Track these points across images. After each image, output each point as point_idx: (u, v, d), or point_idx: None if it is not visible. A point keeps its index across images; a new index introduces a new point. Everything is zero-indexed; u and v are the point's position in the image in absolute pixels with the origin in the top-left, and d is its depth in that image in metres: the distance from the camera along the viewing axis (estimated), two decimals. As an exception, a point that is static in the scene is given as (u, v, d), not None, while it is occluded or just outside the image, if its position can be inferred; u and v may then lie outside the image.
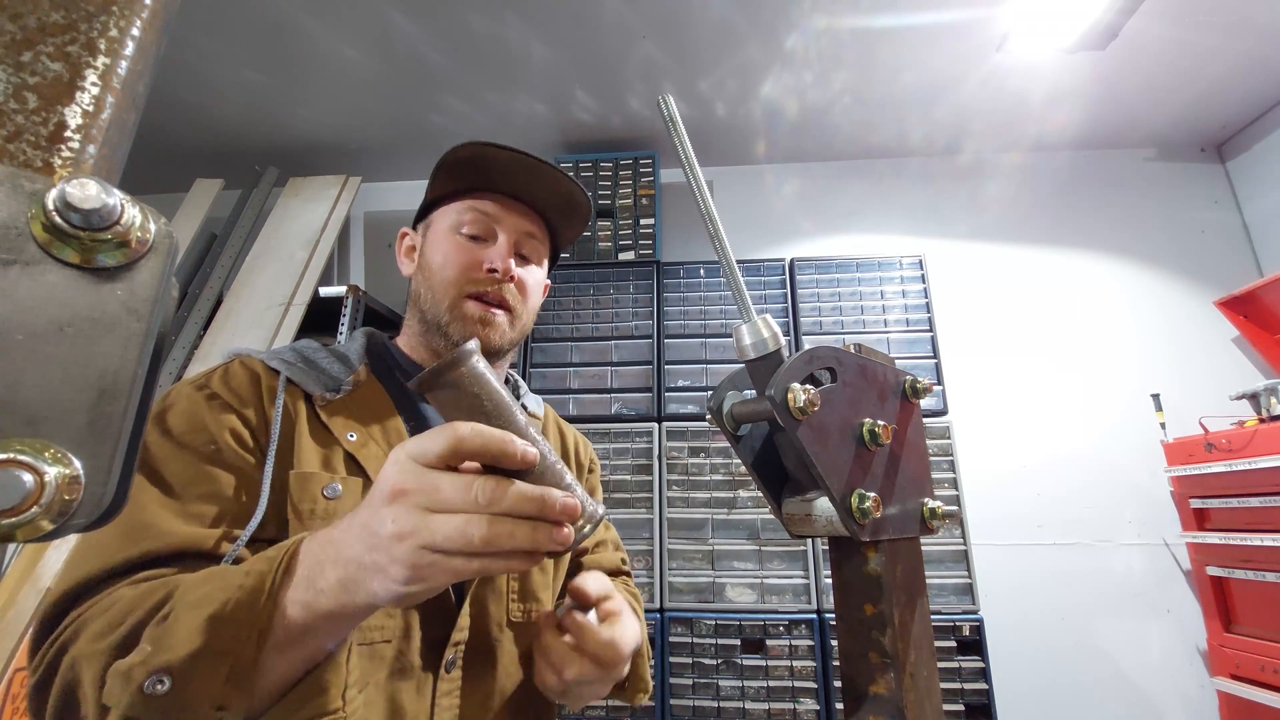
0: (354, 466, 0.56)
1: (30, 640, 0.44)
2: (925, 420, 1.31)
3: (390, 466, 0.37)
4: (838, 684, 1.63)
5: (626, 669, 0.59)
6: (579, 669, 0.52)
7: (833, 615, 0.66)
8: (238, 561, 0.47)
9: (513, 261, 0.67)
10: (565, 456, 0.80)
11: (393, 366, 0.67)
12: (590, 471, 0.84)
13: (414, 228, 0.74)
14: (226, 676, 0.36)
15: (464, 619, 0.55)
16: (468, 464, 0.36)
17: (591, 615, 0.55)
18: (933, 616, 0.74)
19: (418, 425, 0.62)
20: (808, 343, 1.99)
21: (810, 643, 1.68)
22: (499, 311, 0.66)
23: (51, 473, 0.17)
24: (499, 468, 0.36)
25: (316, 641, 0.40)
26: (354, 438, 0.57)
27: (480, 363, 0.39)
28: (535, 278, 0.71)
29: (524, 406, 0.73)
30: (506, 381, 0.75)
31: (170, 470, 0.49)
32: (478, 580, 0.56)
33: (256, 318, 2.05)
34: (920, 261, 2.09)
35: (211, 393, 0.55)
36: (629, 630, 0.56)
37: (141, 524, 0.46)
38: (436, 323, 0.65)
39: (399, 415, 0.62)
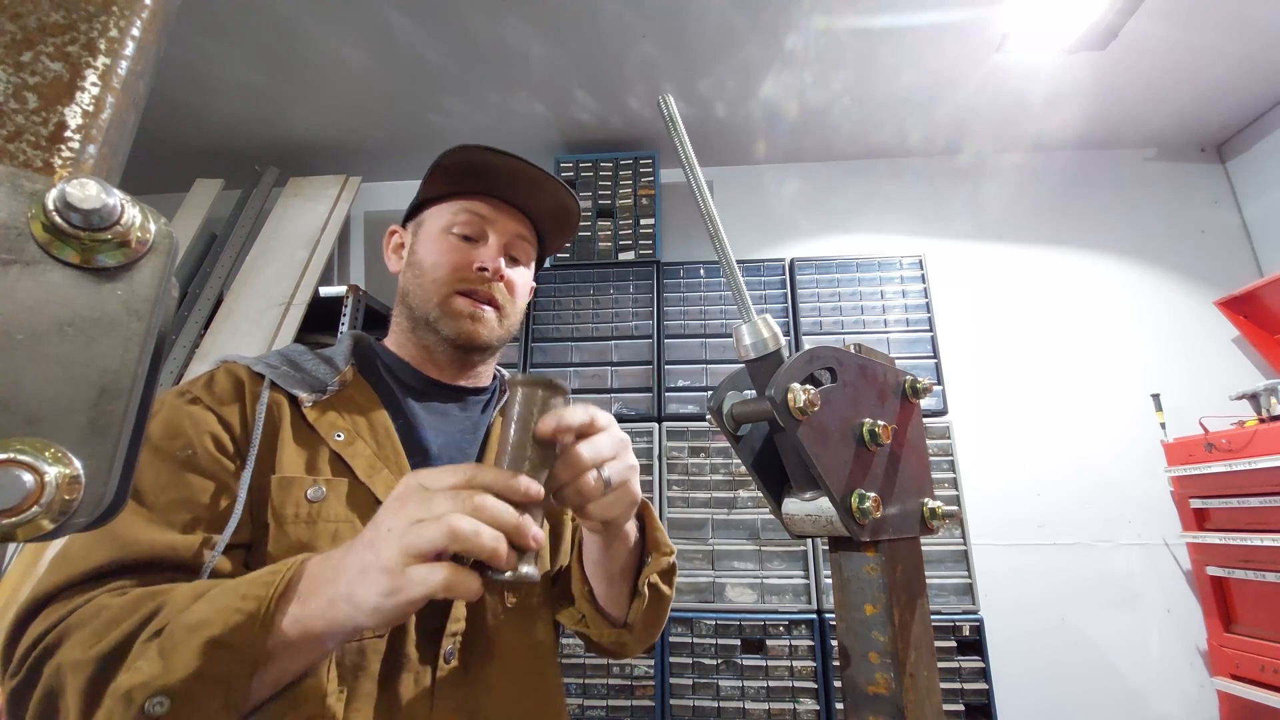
0: (340, 466, 0.56)
1: (2, 644, 0.44)
2: (925, 420, 1.31)
3: (398, 486, 0.41)
4: (838, 684, 1.63)
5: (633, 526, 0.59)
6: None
7: (833, 615, 0.66)
8: (215, 572, 0.48)
9: (502, 261, 0.67)
10: None
11: (380, 366, 0.67)
12: None
13: (404, 225, 0.74)
14: (222, 702, 0.37)
15: (459, 607, 0.56)
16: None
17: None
18: (933, 616, 0.74)
19: (406, 422, 0.62)
20: (808, 343, 1.99)
21: (810, 643, 1.68)
22: (488, 308, 0.66)
23: (52, 472, 0.17)
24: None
25: (301, 660, 0.41)
26: (341, 437, 0.57)
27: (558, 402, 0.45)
28: (523, 279, 0.71)
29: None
30: (494, 378, 0.76)
31: (144, 477, 0.49)
32: None
33: (256, 318, 2.05)
34: (920, 261, 2.09)
35: (193, 397, 0.55)
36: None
37: (111, 532, 0.46)
38: (425, 319, 0.65)
39: (386, 412, 0.62)
